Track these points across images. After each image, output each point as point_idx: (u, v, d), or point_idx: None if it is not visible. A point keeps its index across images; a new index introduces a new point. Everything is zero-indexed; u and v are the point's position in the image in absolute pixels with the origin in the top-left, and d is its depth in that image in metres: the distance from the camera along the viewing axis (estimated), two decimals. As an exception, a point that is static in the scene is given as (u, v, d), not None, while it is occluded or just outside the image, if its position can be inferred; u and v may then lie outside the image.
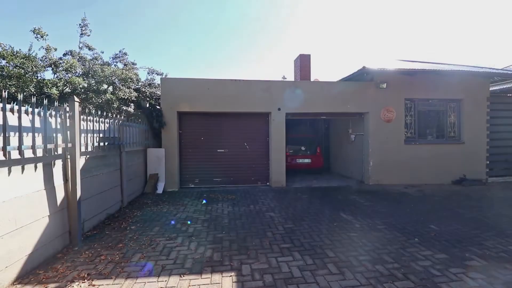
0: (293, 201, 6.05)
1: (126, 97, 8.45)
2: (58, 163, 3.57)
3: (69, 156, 3.71)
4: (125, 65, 9.74)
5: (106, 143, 4.95)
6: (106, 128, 5.06)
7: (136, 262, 3.20)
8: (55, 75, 7.91)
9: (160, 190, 6.90)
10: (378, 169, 7.89)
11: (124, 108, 8.79)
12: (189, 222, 4.62)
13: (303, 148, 9.80)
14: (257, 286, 2.70)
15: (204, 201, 6.00)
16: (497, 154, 8.44)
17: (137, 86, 9.47)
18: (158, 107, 7.69)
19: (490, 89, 8.59)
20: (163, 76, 10.53)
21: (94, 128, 4.62)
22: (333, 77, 8.74)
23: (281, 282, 2.77)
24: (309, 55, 12.08)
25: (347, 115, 8.44)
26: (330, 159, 11.17)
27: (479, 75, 8.10)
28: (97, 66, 8.36)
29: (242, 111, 7.50)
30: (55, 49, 8.04)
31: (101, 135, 4.85)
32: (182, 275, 2.90)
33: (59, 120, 3.63)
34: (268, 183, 7.75)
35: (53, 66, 7.84)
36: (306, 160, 9.57)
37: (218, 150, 7.58)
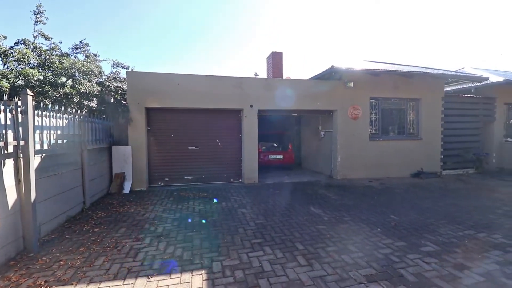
0: (265, 197, 6.12)
1: (87, 91, 7.91)
2: (9, 163, 3.24)
3: (21, 155, 3.38)
4: (86, 56, 9.09)
5: (65, 141, 4.60)
6: (65, 124, 4.69)
7: (99, 266, 3.03)
8: (5, 66, 7.15)
9: (127, 189, 6.58)
10: (345, 164, 8.27)
11: (86, 103, 8.21)
12: (157, 222, 4.47)
13: (275, 145, 9.95)
14: (228, 282, 2.69)
15: (174, 199, 5.85)
16: (450, 149, 9.27)
17: (101, 80, 8.90)
18: (124, 102, 7.29)
19: (444, 89, 9.38)
20: (129, 70, 10.00)
21: (51, 124, 4.26)
22: (305, 76, 8.97)
23: (251, 277, 2.80)
24: (281, 53, 12.24)
25: (317, 113, 8.71)
26: (301, 155, 11.46)
27: (435, 77, 8.79)
28: (54, 57, 7.70)
29: (214, 107, 7.39)
30: (5, 37, 7.26)
31: (59, 131, 4.49)
32: (150, 277, 2.80)
33: (9, 115, 3.28)
34: (240, 180, 7.75)
35: (2, 56, 7.07)
36: (278, 157, 9.73)
37: (189, 147, 7.40)
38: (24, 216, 3.37)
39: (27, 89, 3.47)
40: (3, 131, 3.14)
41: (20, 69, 7.01)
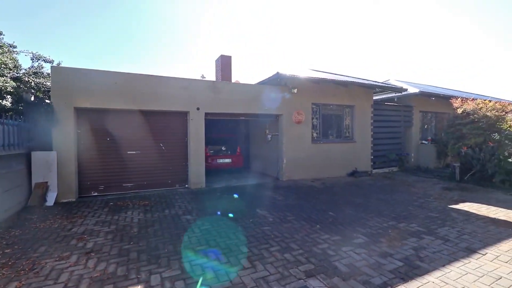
0: (212, 201, 6.00)
1: (-1, 87, 6.67)
2: None
3: None
4: (-2, 46, 7.68)
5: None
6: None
7: (6, 294, 2.54)
8: None
9: (50, 202, 5.71)
10: (290, 166, 8.66)
11: (-3, 101, 6.92)
12: (86, 237, 3.98)
13: (223, 148, 9.88)
14: (167, 295, 2.54)
15: (109, 210, 5.30)
16: (378, 150, 10.49)
17: (17, 75, 7.60)
18: (48, 101, 6.36)
19: (373, 98, 10.61)
20: (55, 65, 8.78)
21: None
22: (254, 80, 9.18)
23: (193, 285, 2.69)
24: (230, 57, 12.27)
25: (264, 117, 8.94)
26: (250, 158, 11.61)
27: (366, 86, 9.89)
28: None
29: (157, 109, 6.97)
30: None
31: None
32: (73, 300, 2.46)
33: None
34: (186, 185, 7.45)
35: None
36: (227, 160, 9.67)
37: (128, 152, 6.82)
38: None
39: None
40: None
41: None
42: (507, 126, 8.51)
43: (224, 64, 12.09)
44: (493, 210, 5.30)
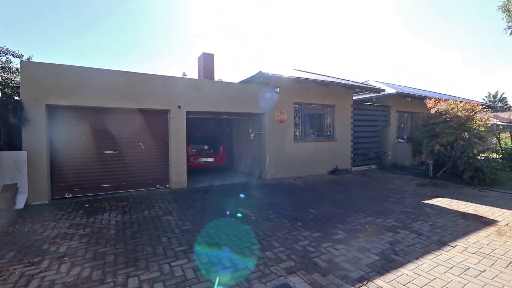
0: (193, 201, 5.91)
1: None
2: None
3: None
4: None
5: None
6: None
7: (-32, 305, 2.37)
8: None
9: (20, 204, 5.39)
10: (273, 164, 8.72)
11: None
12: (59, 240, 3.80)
13: (206, 147, 9.76)
14: (145, 298, 2.47)
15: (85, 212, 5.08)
16: (357, 149, 10.80)
17: (-18, 69, 7.08)
18: (17, 98, 5.98)
19: (353, 98, 10.90)
20: (25, 60, 8.28)
21: None
22: (237, 79, 9.12)
23: (172, 287, 2.64)
24: (213, 55, 12.11)
25: (247, 115, 8.93)
26: (233, 157, 11.56)
27: (346, 86, 10.14)
28: None
29: (136, 107, 6.75)
30: None
31: None
32: (43, 307, 2.33)
33: None
34: (167, 185, 7.29)
35: None
36: (210, 159, 9.57)
37: (105, 152, 6.56)
38: None
39: None
40: None
41: None
42: (476, 125, 9.05)
43: (206, 62, 11.92)
44: (462, 205, 5.62)
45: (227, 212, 5.08)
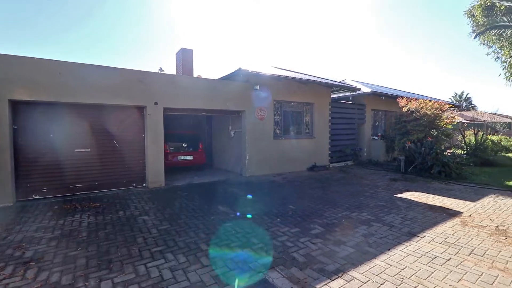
0: (171, 200, 5.78)
1: None
2: None
3: None
4: None
5: None
6: None
7: None
8: None
9: (-21, 207, 4.98)
10: (253, 162, 8.74)
11: None
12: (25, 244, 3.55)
13: (184, 145, 9.57)
14: (118, 301, 2.38)
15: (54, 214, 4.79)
16: (335, 145, 11.11)
17: None
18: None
19: (331, 96, 11.17)
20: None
21: None
22: (216, 76, 8.98)
23: (148, 289, 2.57)
24: (192, 50, 11.89)
25: (226, 113, 8.85)
26: (213, 154, 11.44)
27: (324, 85, 10.36)
28: None
29: (109, 103, 6.45)
30: None
31: None
32: (5, 317, 2.18)
33: None
34: (144, 184, 7.07)
35: None
36: (188, 157, 9.40)
37: (76, 150, 6.21)
38: None
39: None
40: None
41: None
42: (443, 123, 9.63)
43: (185, 57, 11.66)
44: (431, 198, 5.97)
45: (206, 211, 5.02)
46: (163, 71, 10.45)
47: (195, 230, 4.05)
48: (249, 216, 4.71)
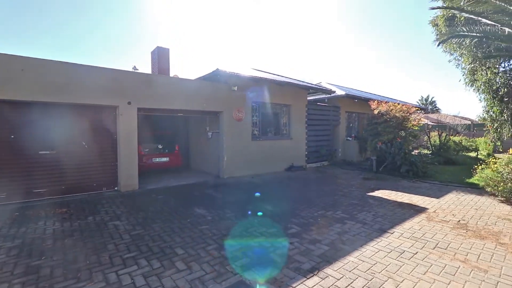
0: (145, 204, 5.57)
1: None
2: None
3: None
4: None
5: None
6: None
7: None
8: None
9: None
10: (231, 163, 8.69)
11: None
12: (-19, 256, 3.24)
13: (160, 147, 9.29)
14: (86, 312, 2.25)
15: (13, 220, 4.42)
16: (311, 146, 11.37)
17: None
18: None
19: (308, 98, 11.42)
20: None
21: None
22: (194, 76, 8.84)
23: (119, 297, 2.45)
24: (168, 49, 11.53)
25: (204, 113, 8.73)
26: (190, 156, 11.22)
27: (300, 87, 10.57)
28: None
29: (78, 102, 6.09)
30: None
31: None
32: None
33: None
34: (116, 188, 6.75)
35: None
36: (164, 159, 9.14)
37: (40, 152, 5.79)
38: None
39: None
40: None
41: None
42: (411, 125, 10.24)
43: (161, 56, 11.30)
44: (399, 195, 6.30)
45: (182, 214, 4.91)
46: (137, 69, 10.05)
47: (170, 234, 3.94)
48: (226, 218, 4.67)
